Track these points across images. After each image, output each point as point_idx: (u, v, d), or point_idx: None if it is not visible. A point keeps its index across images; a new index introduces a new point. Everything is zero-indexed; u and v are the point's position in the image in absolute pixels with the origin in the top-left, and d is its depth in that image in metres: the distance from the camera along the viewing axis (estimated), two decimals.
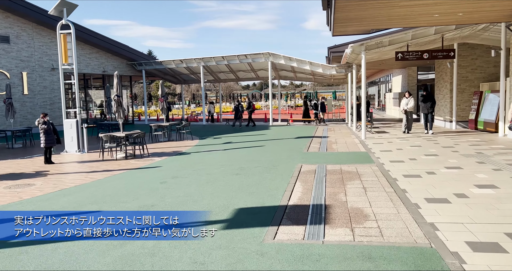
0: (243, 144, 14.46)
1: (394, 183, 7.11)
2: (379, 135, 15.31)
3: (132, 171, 9.79)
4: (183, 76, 28.66)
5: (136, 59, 26.82)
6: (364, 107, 14.34)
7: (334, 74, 23.38)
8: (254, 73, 26.79)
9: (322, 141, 14.18)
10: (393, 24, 12.72)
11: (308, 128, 20.24)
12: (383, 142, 13.21)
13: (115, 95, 12.53)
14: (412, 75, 27.15)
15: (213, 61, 24.66)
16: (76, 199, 6.86)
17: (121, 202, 6.51)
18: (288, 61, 22.89)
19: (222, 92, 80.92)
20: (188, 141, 16.27)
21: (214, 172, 8.92)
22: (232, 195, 6.70)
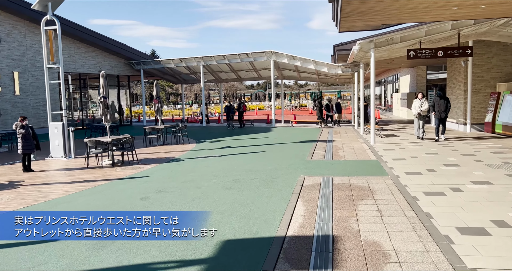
0: (242, 148, 13.31)
1: (414, 203, 5.92)
2: (389, 139, 14.09)
3: (115, 182, 8.66)
4: (183, 76, 27.54)
5: (134, 58, 25.72)
6: (373, 109, 13.14)
7: (340, 74, 22.15)
8: (256, 72, 25.62)
9: (327, 147, 12.99)
10: (406, 19, 11.47)
11: (312, 131, 19.06)
12: (394, 147, 12.00)
13: (101, 96, 11.42)
14: (421, 75, 25.87)
15: (213, 60, 23.51)
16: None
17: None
18: (291, 60, 21.70)
19: (226, 92, 79.86)
20: (184, 144, 15.14)
21: (204, 185, 7.77)
22: (220, 218, 5.54)
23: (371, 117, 13.06)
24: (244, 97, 73.65)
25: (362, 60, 16.60)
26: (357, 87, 20.86)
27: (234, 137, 17.31)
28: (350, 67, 20.38)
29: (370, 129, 13.77)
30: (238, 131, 20.30)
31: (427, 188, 6.78)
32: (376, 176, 7.96)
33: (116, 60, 25.41)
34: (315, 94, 61.49)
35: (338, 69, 20.79)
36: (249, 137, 17.14)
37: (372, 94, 13.05)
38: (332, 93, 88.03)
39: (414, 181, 7.39)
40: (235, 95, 76.80)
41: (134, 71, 26.31)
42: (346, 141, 14.58)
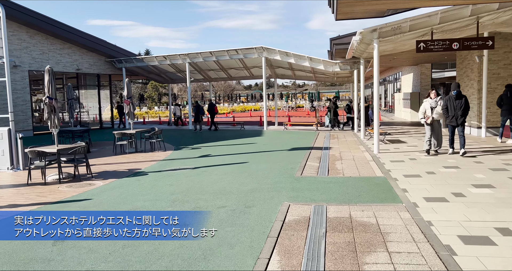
0: (222, 158, 11.17)
1: (449, 259, 3.78)
2: (395, 147, 11.95)
3: (45, 207, 6.51)
4: (170, 74, 25.37)
5: (116, 56, 23.56)
6: (377, 113, 10.98)
7: (338, 72, 20.02)
8: (248, 71, 23.47)
9: (322, 156, 10.84)
10: (416, 2, 9.37)
11: (307, 135, 16.92)
12: (403, 158, 9.84)
13: (47, 97, 9.23)
14: (426, 73, 23.75)
15: (200, 58, 21.36)
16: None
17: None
18: (284, 57, 19.56)
19: (222, 93, 77.59)
20: (159, 152, 13.01)
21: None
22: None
23: (375, 121, 10.91)
24: (239, 97, 71.49)
25: (362, 56, 14.47)
26: (357, 87, 18.75)
27: (218, 143, 15.16)
28: (349, 64, 18.24)
29: (373, 134, 11.62)
30: (225, 135, 18.15)
31: (463, 229, 4.63)
32: (386, 204, 5.81)
33: (96, 58, 23.25)
34: (312, 95, 59.34)
35: (336, 66, 18.65)
36: (235, 143, 15.00)
37: (376, 94, 10.90)
38: (330, 94, 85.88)
39: (440, 214, 5.24)
40: (230, 96, 74.76)
41: (115, 69, 24.15)
42: (344, 148, 12.44)
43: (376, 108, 10.98)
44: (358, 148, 12.31)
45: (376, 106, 10.94)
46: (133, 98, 14.23)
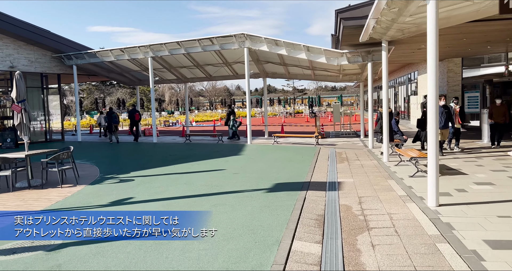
0: (154, 205, 5.82)
1: None
2: (457, 184, 6.54)
3: None
4: (135, 74, 20.04)
5: (64, 51, 18.28)
6: (435, 121, 5.48)
7: (345, 66, 14.67)
8: (229, 68, 18.11)
9: (327, 218, 5.37)
10: None
11: (303, 153, 11.53)
12: (493, 219, 4.46)
13: None
14: (454, 71, 18.35)
15: (166, 50, 16.05)
16: None
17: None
18: (273, 47, 14.23)
19: (215, 99, 72.01)
20: (66, 186, 7.75)
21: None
22: None
23: (431, 142, 5.47)
24: (234, 103, 66.11)
25: (387, 34, 9.10)
26: (371, 86, 13.38)
27: (165, 168, 9.72)
28: (360, 54, 12.87)
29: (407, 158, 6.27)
30: (190, 153, 12.76)
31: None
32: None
33: (39, 53, 17.97)
34: (312, 99, 53.89)
35: (343, 58, 13.27)
36: (193, 168, 9.58)
37: (433, 90, 5.43)
38: (331, 99, 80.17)
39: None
40: (224, 101, 69.50)
41: (66, 67, 18.86)
42: (365, 186, 7.02)
43: (434, 114, 5.50)
44: (388, 185, 6.90)
45: (433, 108, 5.46)
46: (26, 102, 8.90)
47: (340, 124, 18.73)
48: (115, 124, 17.08)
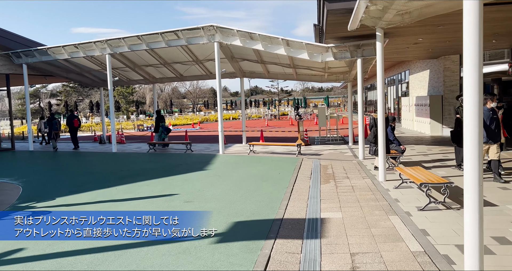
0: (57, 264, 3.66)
1: None
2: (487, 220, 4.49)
3: None
4: (97, 73, 17.68)
5: (13, 48, 15.87)
6: (478, 140, 3.41)
7: (331, 63, 12.63)
8: (200, 66, 15.90)
9: None
10: None
11: (281, 168, 9.40)
12: None
13: None
14: (451, 69, 16.44)
15: (125, 46, 13.78)
16: None
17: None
18: (248, 42, 12.08)
19: (197, 100, 69.39)
20: None
21: None
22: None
23: (470, 167, 3.39)
24: (226, 105, 63.73)
25: (382, 20, 7.04)
26: (361, 86, 11.37)
27: (104, 192, 7.46)
28: (348, 49, 10.78)
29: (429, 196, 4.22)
30: (144, 167, 10.53)
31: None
32: None
33: None
34: (298, 101, 51.91)
35: (328, 54, 11.18)
36: (135, 193, 7.31)
37: (476, 86, 3.39)
38: (318, 100, 78.15)
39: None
40: (207, 103, 67.31)
41: (16, 67, 16.43)
42: (357, 228, 4.91)
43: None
44: (391, 227, 4.80)
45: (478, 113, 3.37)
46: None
47: (326, 129, 16.65)
48: (55, 131, 15.67)
